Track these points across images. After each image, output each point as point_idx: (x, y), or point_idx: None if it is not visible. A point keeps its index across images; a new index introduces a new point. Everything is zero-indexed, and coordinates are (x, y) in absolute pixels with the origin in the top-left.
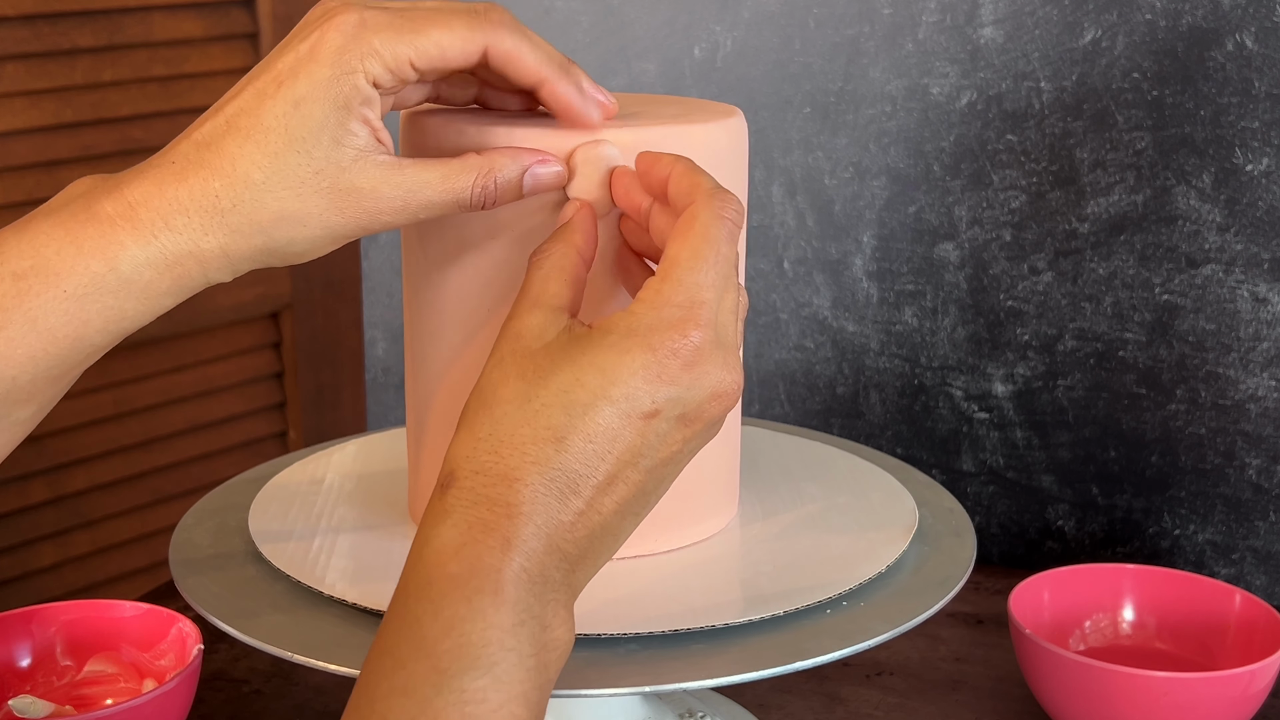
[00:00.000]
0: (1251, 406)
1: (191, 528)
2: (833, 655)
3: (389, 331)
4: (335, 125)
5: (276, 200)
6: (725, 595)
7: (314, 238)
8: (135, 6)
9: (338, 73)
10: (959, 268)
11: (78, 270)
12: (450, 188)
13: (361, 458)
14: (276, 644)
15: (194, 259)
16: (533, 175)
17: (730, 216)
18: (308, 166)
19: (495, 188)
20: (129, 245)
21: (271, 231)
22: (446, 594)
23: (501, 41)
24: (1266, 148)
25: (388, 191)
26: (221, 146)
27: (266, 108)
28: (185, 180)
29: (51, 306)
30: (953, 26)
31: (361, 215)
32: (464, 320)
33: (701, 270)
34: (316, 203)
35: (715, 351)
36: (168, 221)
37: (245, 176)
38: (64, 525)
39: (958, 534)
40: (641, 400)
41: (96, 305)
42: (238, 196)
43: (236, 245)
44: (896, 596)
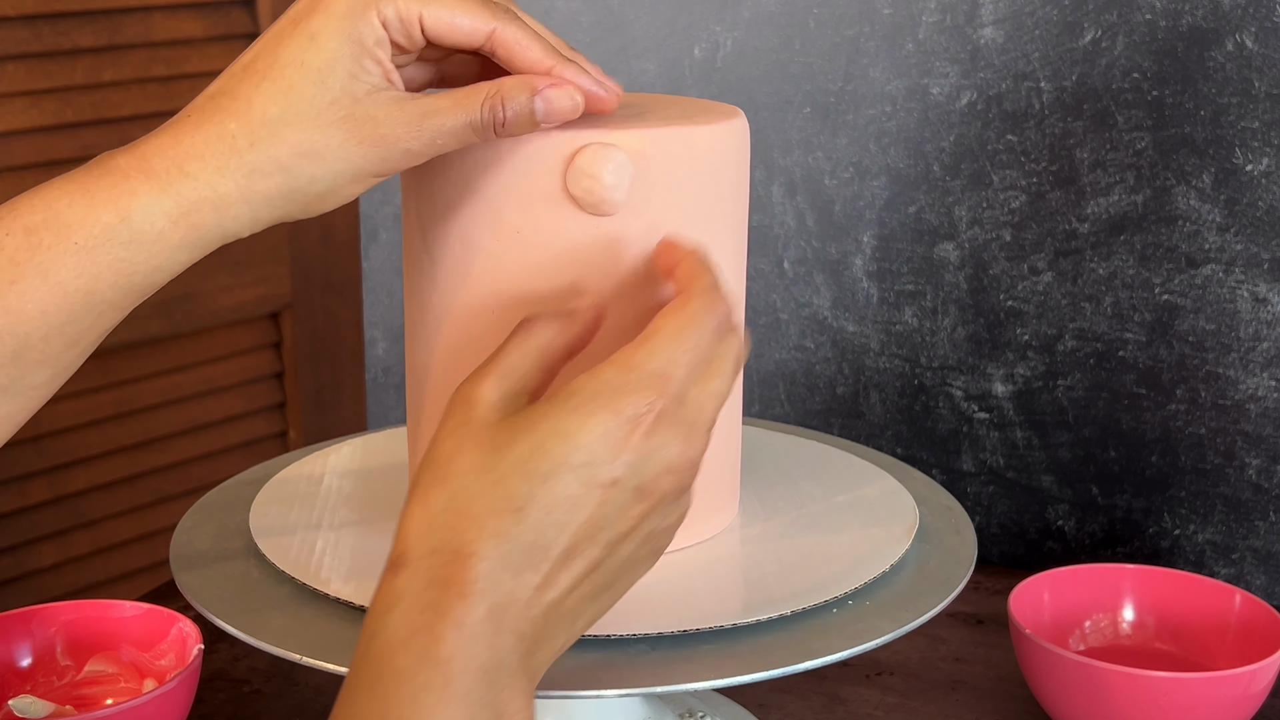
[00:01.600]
0: (1251, 406)
1: (191, 528)
2: (839, 655)
3: (389, 331)
4: (350, 59)
5: (295, 133)
6: (729, 596)
7: (334, 174)
8: (135, 7)
9: (353, 7)
10: (959, 268)
11: (89, 221)
12: (461, 108)
13: (361, 457)
14: (277, 644)
15: (210, 205)
16: (544, 99)
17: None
18: (324, 97)
19: (504, 109)
20: (141, 194)
21: (292, 169)
22: (393, 691)
23: (510, 27)
24: (1266, 148)
25: (402, 117)
26: (237, 91)
27: (283, 46)
28: (201, 128)
29: (62, 259)
30: (953, 26)
31: (379, 145)
32: (465, 321)
33: (678, 348)
34: (335, 134)
35: (676, 425)
36: (182, 168)
37: (262, 113)
38: (64, 525)
39: (958, 532)
40: (603, 467)
41: (107, 258)
42: (255, 134)
43: (255, 186)
44: (899, 596)
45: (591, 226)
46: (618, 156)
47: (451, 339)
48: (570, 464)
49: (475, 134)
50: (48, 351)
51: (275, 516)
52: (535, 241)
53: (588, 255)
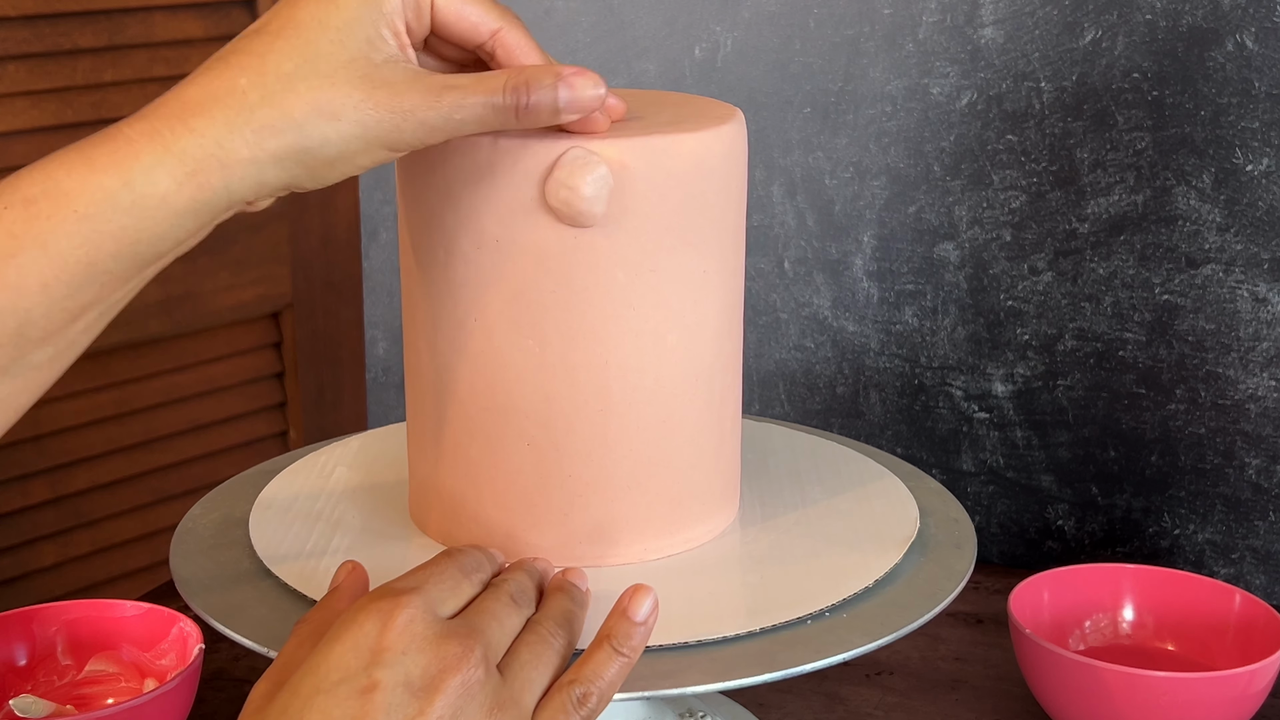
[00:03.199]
0: (1251, 406)
1: (192, 528)
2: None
3: (389, 331)
4: (369, 23)
5: (310, 89)
6: (730, 601)
7: (348, 136)
8: (136, 7)
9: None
10: (959, 268)
11: (89, 187)
12: (483, 86)
13: (362, 455)
14: (276, 646)
15: (216, 163)
16: (568, 85)
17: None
18: (341, 54)
19: (528, 93)
20: (144, 155)
21: (305, 125)
22: None
23: (515, 30)
24: (1266, 148)
25: (420, 86)
26: (251, 48)
27: (300, 5)
28: (210, 84)
29: (62, 229)
30: (953, 26)
31: (396, 110)
32: (451, 327)
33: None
34: (351, 93)
35: (429, 623)
36: (188, 124)
37: (276, 68)
38: (65, 525)
39: (956, 531)
40: (359, 675)
41: (109, 226)
42: (268, 89)
43: (265, 144)
44: (899, 597)
45: (570, 237)
46: (598, 168)
47: (441, 343)
48: (325, 687)
49: (494, 116)
50: (50, 327)
51: (275, 517)
52: (514, 251)
53: (566, 266)
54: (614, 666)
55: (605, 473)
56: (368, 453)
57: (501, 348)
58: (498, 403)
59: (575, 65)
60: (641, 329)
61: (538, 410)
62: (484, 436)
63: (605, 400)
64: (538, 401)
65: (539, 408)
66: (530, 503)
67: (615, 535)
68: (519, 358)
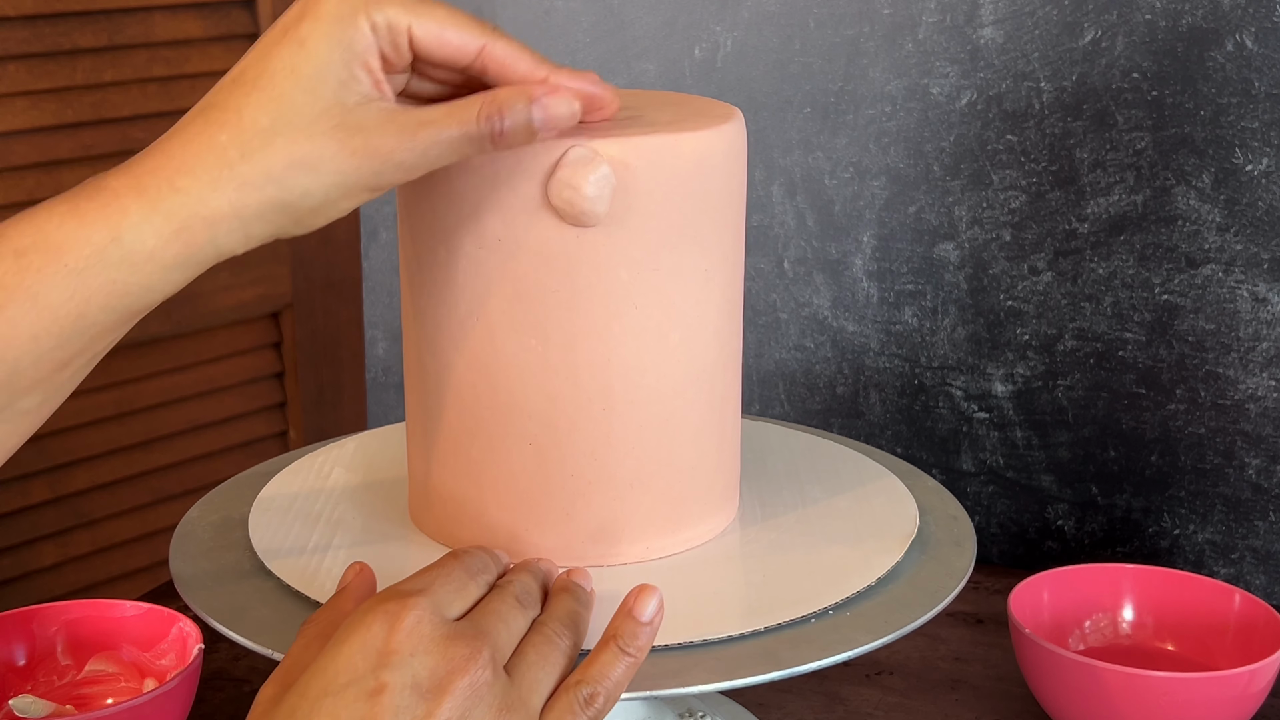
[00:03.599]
0: (1251, 406)
1: (192, 528)
2: (839, 657)
3: (389, 331)
4: (340, 66)
5: (287, 143)
6: (730, 602)
7: (327, 186)
8: (136, 7)
9: (342, 11)
10: (959, 268)
11: (79, 242)
12: (457, 118)
13: (361, 456)
14: (275, 647)
15: (202, 221)
16: (542, 107)
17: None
18: (315, 106)
19: (502, 119)
20: (132, 212)
21: (284, 180)
22: None
23: (500, 43)
24: (1266, 148)
25: (394, 129)
26: (227, 103)
27: (273, 54)
28: (191, 142)
29: (52, 282)
30: (953, 26)
31: (372, 156)
32: (453, 326)
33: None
34: (327, 145)
35: (436, 625)
36: (173, 183)
37: (253, 123)
38: (64, 525)
39: (956, 531)
40: (367, 678)
41: (99, 279)
42: (246, 145)
43: (247, 199)
44: (899, 597)
45: (572, 237)
46: (601, 168)
47: (441, 342)
48: (334, 689)
49: (471, 146)
50: (38, 376)
51: (275, 517)
52: (516, 250)
53: (569, 265)
54: (620, 666)
55: (608, 472)
56: (367, 453)
57: (504, 347)
58: (499, 402)
59: (569, 67)
60: (644, 328)
61: (540, 409)
62: (485, 436)
63: (608, 399)
64: (540, 401)
65: (541, 407)
66: (532, 502)
67: (617, 534)
68: (521, 357)
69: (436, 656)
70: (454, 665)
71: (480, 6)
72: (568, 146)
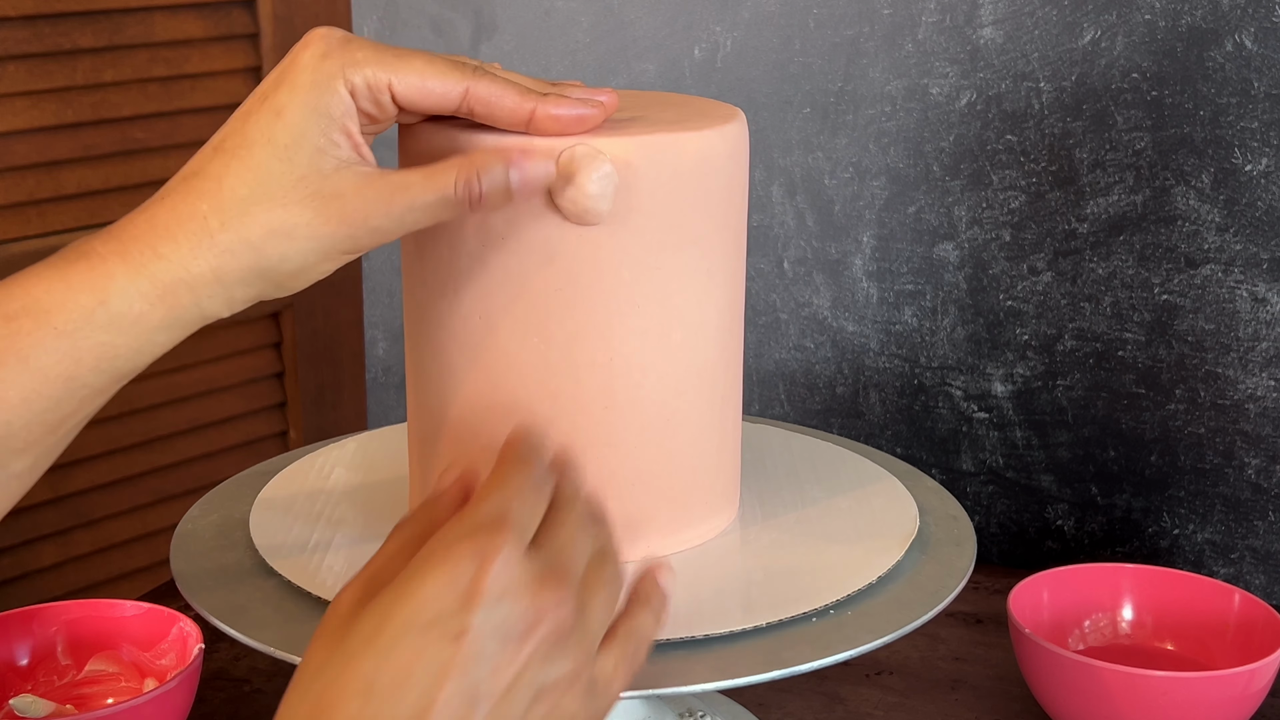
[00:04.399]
0: (1251, 406)
1: (192, 528)
2: (839, 656)
3: (389, 331)
4: (317, 133)
5: (264, 213)
6: (730, 600)
7: (305, 251)
8: (136, 7)
9: (319, 78)
10: (959, 268)
11: (68, 306)
12: (434, 184)
13: (362, 456)
14: (276, 645)
15: (185, 286)
16: (519, 169)
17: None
18: (291, 174)
19: (480, 183)
20: (118, 277)
21: (262, 248)
22: None
23: (482, 83)
24: (1266, 148)
25: (371, 194)
26: (208, 171)
27: (251, 123)
28: (175, 209)
29: (43, 344)
30: (953, 26)
31: (348, 222)
32: (455, 324)
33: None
34: (302, 213)
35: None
36: (156, 249)
37: (231, 193)
38: (65, 525)
39: (956, 531)
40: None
41: (88, 342)
42: (226, 215)
43: (228, 266)
44: (898, 597)
45: (575, 235)
46: (604, 166)
47: (443, 341)
48: (417, 625)
49: (449, 210)
50: (29, 439)
51: (275, 517)
52: (519, 249)
53: (572, 264)
54: (651, 620)
55: (608, 471)
56: (367, 453)
57: (506, 346)
58: (500, 401)
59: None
60: (646, 327)
61: (541, 408)
62: (486, 435)
63: (609, 398)
64: (542, 399)
65: (543, 406)
66: None
67: (619, 533)
68: (523, 356)
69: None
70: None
71: (480, 7)
72: (570, 145)
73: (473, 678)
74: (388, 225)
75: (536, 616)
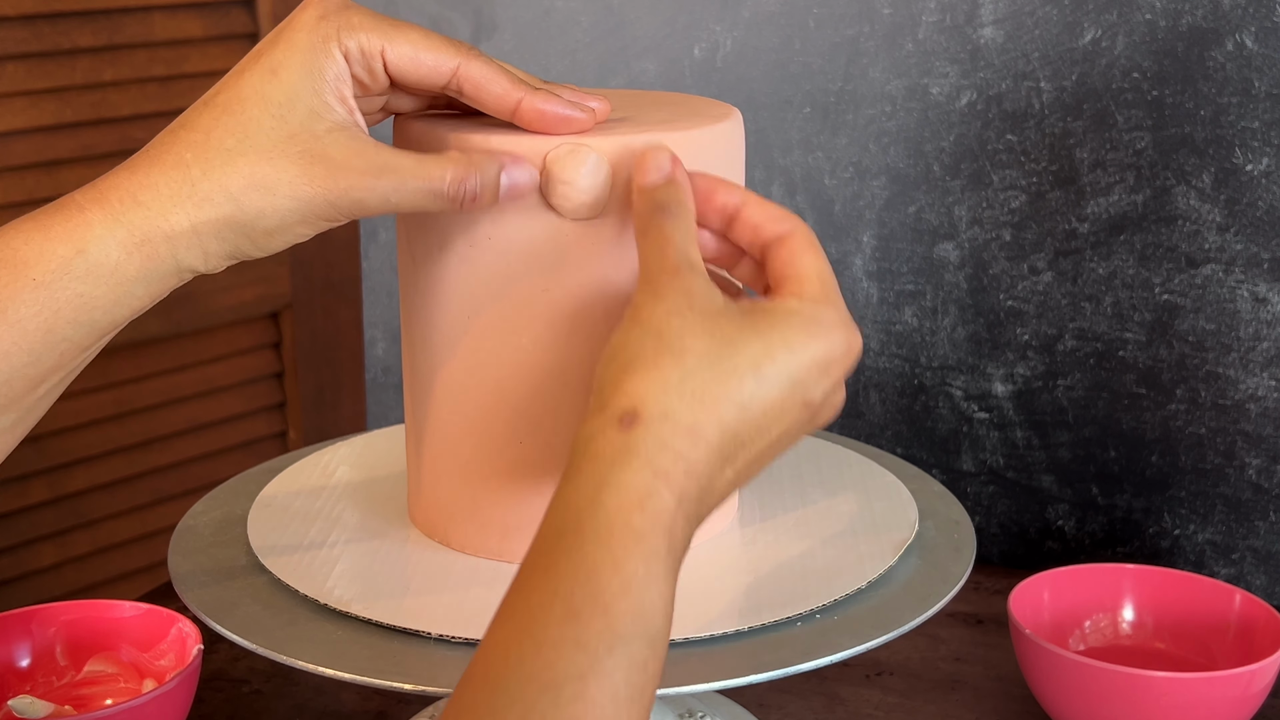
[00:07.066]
0: (1251, 406)
1: (191, 528)
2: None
3: (389, 331)
4: (311, 95)
5: (248, 164)
6: (729, 600)
7: (283, 210)
8: (135, 6)
9: (314, 39)
10: (959, 268)
11: (45, 256)
12: (425, 173)
13: (361, 456)
14: (274, 647)
15: (162, 235)
16: (509, 176)
17: None
18: (281, 130)
19: (475, 182)
20: (95, 226)
21: (241, 200)
22: (629, 549)
23: (475, 63)
24: (1266, 148)
25: (359, 164)
26: (196, 123)
27: (244, 79)
28: (158, 159)
29: (20, 296)
30: (953, 26)
31: (331, 187)
32: (447, 324)
33: (839, 299)
34: (287, 169)
35: (846, 374)
36: (135, 197)
37: (219, 144)
38: (64, 525)
39: (958, 548)
40: (813, 388)
41: (65, 293)
42: (209, 163)
43: (204, 216)
44: (898, 597)
45: (563, 235)
46: (589, 159)
47: (435, 341)
48: (793, 378)
49: (434, 202)
50: (10, 395)
51: (274, 517)
52: (507, 249)
53: (558, 265)
54: None
55: None
56: (367, 453)
57: (495, 345)
58: (490, 401)
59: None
60: None
61: (529, 408)
62: (477, 435)
63: None
64: (529, 400)
65: (530, 406)
66: (525, 501)
67: None
68: (511, 356)
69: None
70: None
71: (480, 7)
72: (556, 145)
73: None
74: (369, 200)
75: (833, 411)
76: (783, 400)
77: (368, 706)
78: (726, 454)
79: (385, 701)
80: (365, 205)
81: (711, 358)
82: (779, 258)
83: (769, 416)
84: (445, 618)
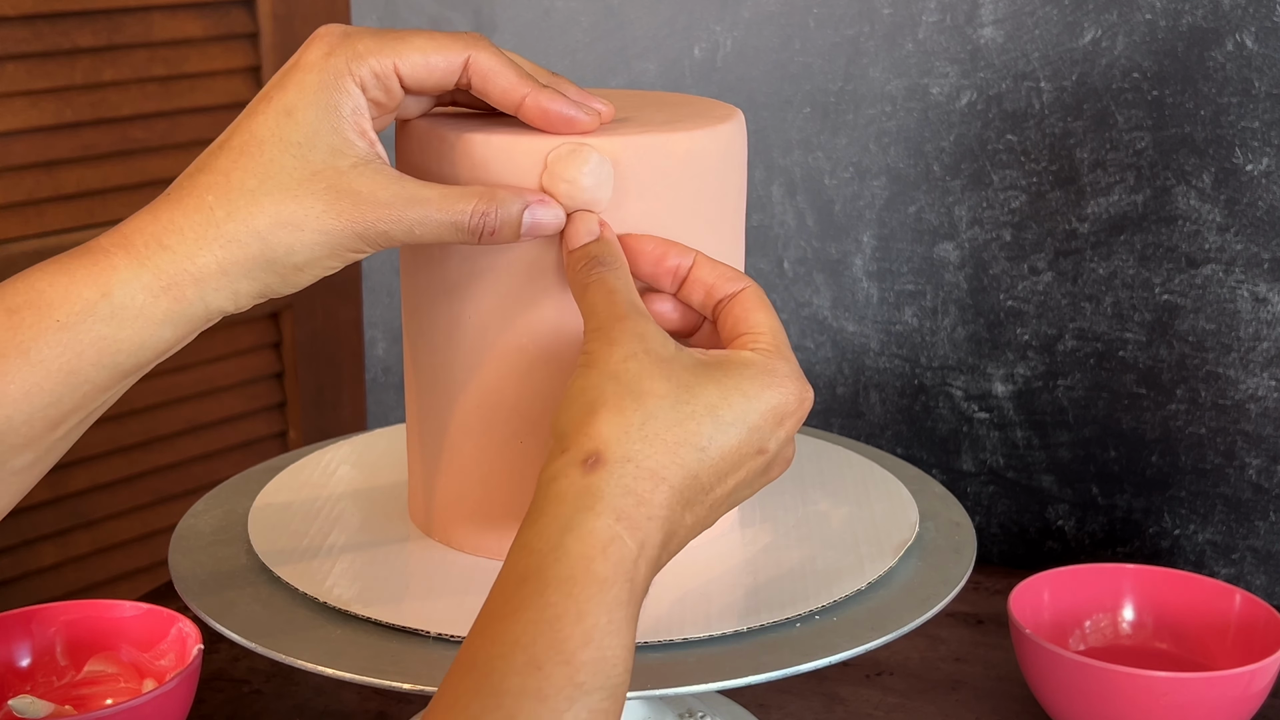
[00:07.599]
0: (1251, 406)
1: (191, 528)
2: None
3: (389, 331)
4: (330, 133)
5: (273, 203)
6: (729, 600)
7: (311, 245)
8: (135, 6)
9: (325, 78)
10: (959, 268)
11: (70, 298)
12: (449, 207)
13: (361, 456)
14: (274, 647)
15: (189, 278)
16: (531, 214)
17: None
18: (304, 169)
19: (496, 218)
20: (121, 269)
21: (268, 238)
22: (592, 598)
23: (483, 54)
24: (1266, 148)
25: (385, 196)
26: (214, 166)
27: (258, 121)
28: (180, 203)
29: (43, 337)
30: (953, 26)
31: (357, 220)
32: (447, 323)
33: (790, 355)
34: (313, 205)
35: (797, 426)
36: (160, 241)
37: (239, 185)
38: (64, 525)
39: (957, 550)
40: (767, 436)
41: (89, 335)
42: (232, 205)
43: (233, 256)
44: (898, 597)
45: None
46: (590, 157)
47: (438, 343)
48: (748, 424)
49: (456, 235)
50: (30, 434)
51: (274, 517)
52: (507, 249)
53: (557, 264)
54: None
55: None
56: (367, 453)
57: (494, 345)
58: (489, 401)
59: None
60: None
61: (528, 408)
62: (477, 435)
63: None
64: (528, 400)
65: (529, 405)
66: (524, 501)
67: None
68: (511, 355)
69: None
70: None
71: (480, 7)
72: (557, 145)
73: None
74: (395, 232)
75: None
76: (739, 446)
77: (367, 706)
78: (687, 498)
79: (385, 701)
80: (391, 237)
81: (670, 400)
82: (732, 314)
83: (727, 462)
84: (445, 617)
